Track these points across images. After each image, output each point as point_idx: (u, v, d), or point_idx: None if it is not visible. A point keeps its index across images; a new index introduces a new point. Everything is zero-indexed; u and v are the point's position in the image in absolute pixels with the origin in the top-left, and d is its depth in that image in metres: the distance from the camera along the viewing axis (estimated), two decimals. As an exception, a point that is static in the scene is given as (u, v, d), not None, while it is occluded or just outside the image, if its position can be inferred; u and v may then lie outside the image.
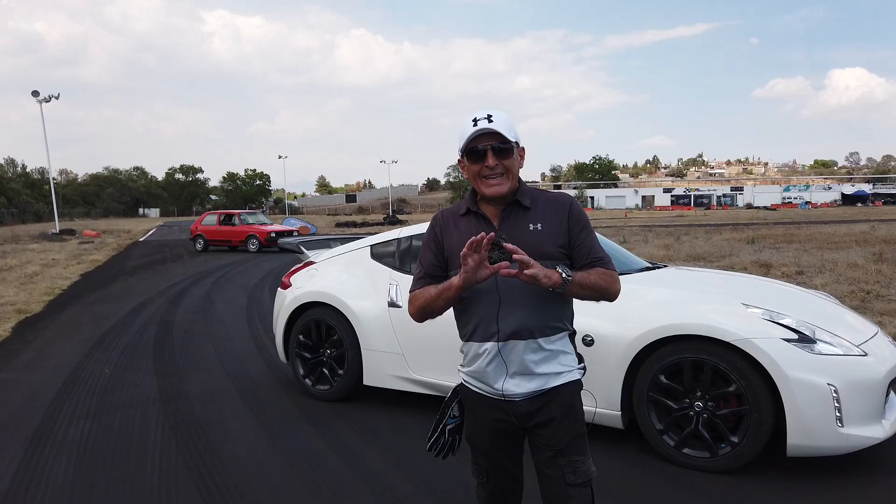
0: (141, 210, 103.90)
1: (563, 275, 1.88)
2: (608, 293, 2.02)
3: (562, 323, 2.07)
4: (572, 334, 2.12)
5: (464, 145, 2.02)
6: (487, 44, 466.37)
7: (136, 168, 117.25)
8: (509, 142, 2.00)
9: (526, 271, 1.81)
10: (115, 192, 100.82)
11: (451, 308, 2.08)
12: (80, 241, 29.07)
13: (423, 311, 2.09)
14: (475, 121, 2.00)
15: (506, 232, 1.96)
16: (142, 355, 6.66)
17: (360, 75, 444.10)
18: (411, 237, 4.85)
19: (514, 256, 1.80)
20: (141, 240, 32.64)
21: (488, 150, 1.99)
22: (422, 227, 4.89)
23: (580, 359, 2.13)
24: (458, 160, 2.10)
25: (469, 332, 2.09)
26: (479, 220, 2.08)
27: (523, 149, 2.10)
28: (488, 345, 2.03)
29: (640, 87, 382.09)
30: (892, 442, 3.54)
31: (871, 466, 3.55)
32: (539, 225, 2.03)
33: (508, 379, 2.02)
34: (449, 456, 2.25)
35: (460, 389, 2.21)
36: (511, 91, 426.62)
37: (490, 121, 1.98)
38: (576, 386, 2.09)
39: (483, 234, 1.81)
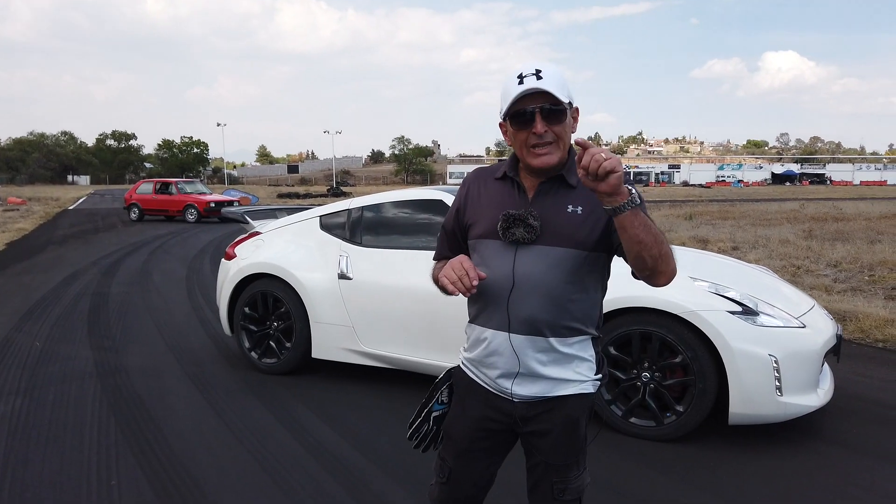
0: (70, 177, 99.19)
1: (634, 189, 1.52)
2: (664, 258, 1.59)
3: (583, 324, 1.76)
4: (596, 339, 1.81)
5: (507, 107, 1.67)
6: (434, 14, 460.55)
7: (65, 133, 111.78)
8: (561, 103, 1.65)
9: (604, 165, 1.43)
10: (42, 158, 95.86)
11: None
12: (5, 209, 27.56)
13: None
14: (521, 77, 1.66)
15: (539, 209, 1.72)
16: (75, 328, 6.37)
17: (303, 42, 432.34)
18: (362, 208, 4.75)
19: (577, 141, 1.50)
20: (71, 208, 31.22)
21: (536, 113, 1.65)
22: (372, 199, 4.81)
23: (600, 367, 1.82)
24: (500, 124, 1.78)
25: (475, 313, 1.84)
26: (513, 188, 1.78)
27: (577, 109, 1.76)
28: (490, 333, 1.77)
29: (583, 63, 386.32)
30: (824, 409, 3.70)
31: (804, 433, 3.71)
32: (580, 208, 1.71)
33: (510, 376, 1.77)
34: (431, 448, 1.98)
35: (455, 372, 1.95)
36: (457, 64, 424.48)
37: (539, 77, 1.64)
38: (585, 401, 1.80)
39: (472, 278, 1.62)
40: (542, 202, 1.74)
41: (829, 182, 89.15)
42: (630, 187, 1.51)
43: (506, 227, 1.71)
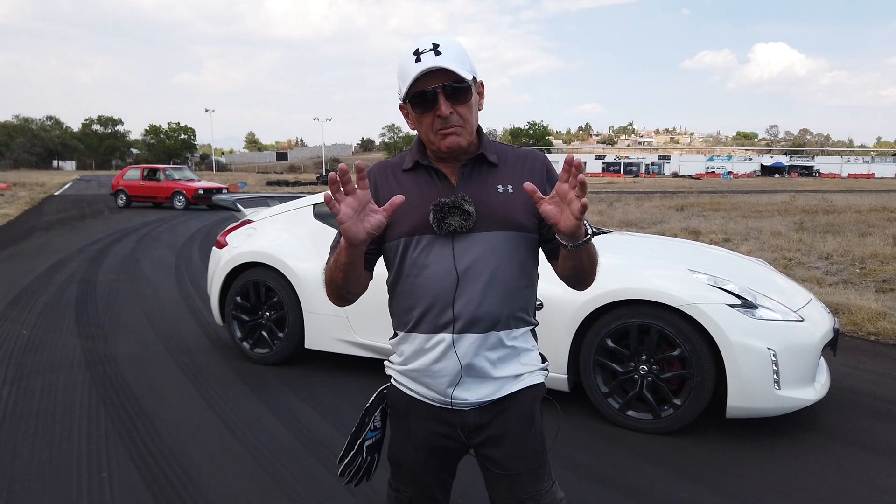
0: (55, 162, 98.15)
1: (589, 229, 1.47)
2: (593, 273, 1.61)
3: (527, 313, 1.66)
4: (535, 327, 1.72)
5: (406, 89, 1.51)
6: (424, 1, 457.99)
7: (50, 117, 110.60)
8: (465, 80, 1.49)
9: (582, 201, 1.34)
10: (27, 143, 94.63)
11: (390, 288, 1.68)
12: (-11, 194, 27.21)
13: (330, 288, 1.63)
14: (417, 54, 1.49)
15: (468, 193, 1.56)
16: (63, 316, 6.28)
17: (292, 28, 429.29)
18: (356, 197, 4.68)
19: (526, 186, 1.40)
20: (56, 194, 30.87)
21: (439, 93, 1.49)
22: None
23: (543, 358, 1.74)
24: (400, 106, 1.60)
25: (412, 320, 1.61)
26: (431, 176, 1.60)
27: (482, 83, 1.61)
28: (439, 336, 1.58)
29: (574, 53, 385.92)
30: (820, 402, 3.70)
31: (801, 426, 3.71)
32: (510, 187, 1.59)
33: (460, 382, 1.59)
34: (364, 481, 1.81)
35: (388, 393, 1.75)
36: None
37: (438, 53, 1.48)
38: (537, 391, 1.68)
39: (344, 165, 1.40)
40: (469, 186, 1.58)
41: (817, 174, 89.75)
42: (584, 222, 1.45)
43: (440, 219, 1.54)
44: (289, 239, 4.83)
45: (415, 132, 1.62)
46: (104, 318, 6.23)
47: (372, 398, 1.77)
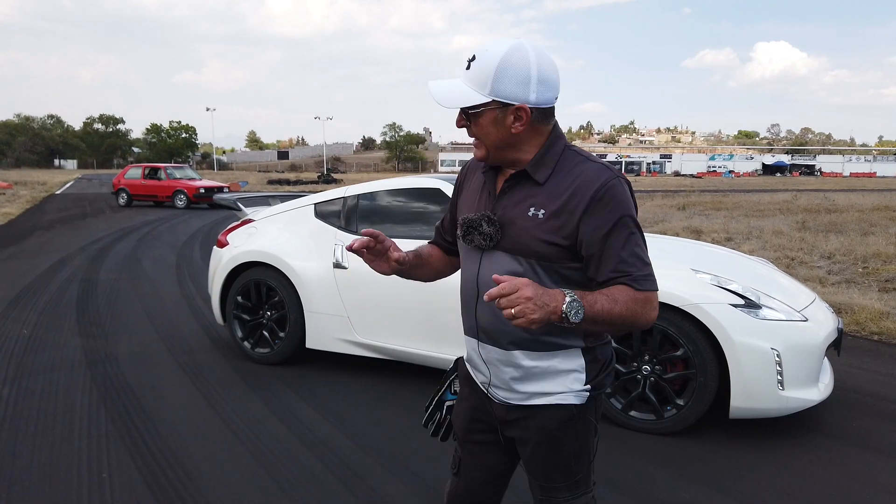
0: (57, 161, 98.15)
1: (567, 305, 1.35)
2: (637, 325, 1.46)
3: (561, 337, 1.55)
4: (590, 348, 1.59)
5: None
6: (425, 0, 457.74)
7: (51, 116, 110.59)
8: (476, 104, 1.48)
9: (485, 295, 1.32)
10: (28, 142, 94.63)
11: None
12: (-10, 193, 27.22)
13: None
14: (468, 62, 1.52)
15: (503, 210, 1.54)
16: (64, 315, 6.27)
17: (293, 27, 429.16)
18: (358, 196, 4.67)
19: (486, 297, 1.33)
20: (58, 192, 30.86)
21: (459, 110, 1.52)
22: (368, 187, 4.72)
23: (595, 376, 1.60)
24: None
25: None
26: (487, 182, 1.62)
27: (518, 108, 1.47)
28: (470, 339, 1.69)
29: (575, 52, 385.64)
30: (823, 402, 3.68)
31: (804, 426, 3.69)
32: (542, 211, 1.49)
33: (487, 383, 1.68)
34: (441, 439, 1.92)
35: (459, 362, 1.86)
36: (448, 50, 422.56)
37: (468, 66, 1.48)
38: (564, 412, 1.59)
39: (359, 240, 1.60)
40: (506, 202, 1.55)
41: (819, 173, 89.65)
42: (566, 299, 1.34)
43: (464, 234, 1.59)
44: (290, 238, 4.81)
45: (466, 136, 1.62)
46: (105, 317, 6.22)
47: (452, 363, 1.92)
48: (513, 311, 1.29)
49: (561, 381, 1.59)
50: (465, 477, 1.82)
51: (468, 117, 1.52)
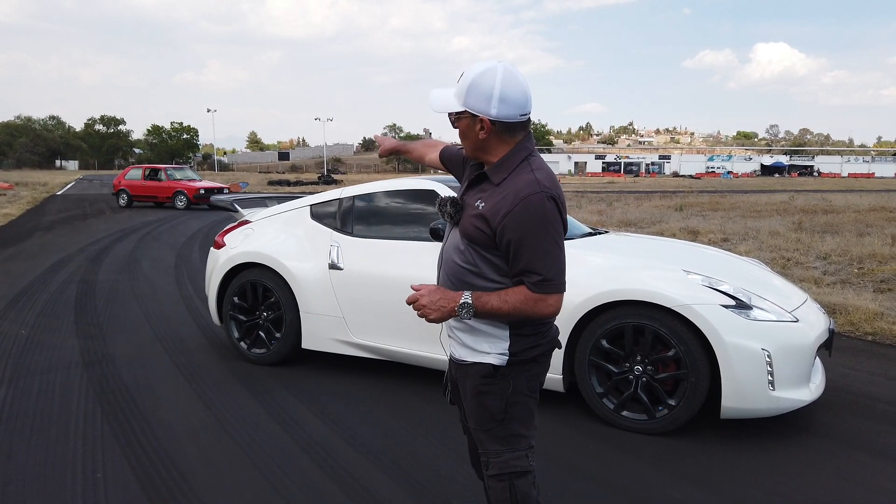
0: (58, 162, 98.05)
1: (459, 307, 1.82)
2: (532, 318, 1.82)
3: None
4: (513, 325, 1.90)
5: None
6: (426, 0, 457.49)
7: (52, 117, 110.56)
8: (456, 111, 1.86)
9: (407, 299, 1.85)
10: (29, 143, 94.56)
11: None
12: (-10, 194, 27.23)
13: None
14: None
15: (466, 197, 1.95)
16: (62, 316, 6.29)
17: (294, 27, 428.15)
18: (353, 197, 4.70)
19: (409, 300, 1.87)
20: (59, 193, 30.90)
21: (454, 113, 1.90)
22: (364, 188, 4.75)
23: (520, 345, 1.88)
24: None
25: None
26: (469, 172, 2.02)
27: (481, 119, 1.81)
28: None
29: (575, 52, 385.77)
30: (815, 402, 3.70)
31: (796, 427, 3.71)
32: (483, 204, 1.84)
33: (444, 334, 2.08)
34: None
35: None
36: (449, 51, 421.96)
37: (458, 81, 1.86)
38: (482, 370, 1.89)
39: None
40: (469, 192, 1.94)
41: (817, 174, 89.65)
42: (460, 301, 1.80)
43: (438, 206, 1.97)
44: (286, 239, 4.83)
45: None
46: (103, 317, 6.25)
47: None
48: (417, 312, 1.85)
49: (489, 341, 1.89)
50: (468, 433, 2.15)
51: (455, 121, 1.89)
